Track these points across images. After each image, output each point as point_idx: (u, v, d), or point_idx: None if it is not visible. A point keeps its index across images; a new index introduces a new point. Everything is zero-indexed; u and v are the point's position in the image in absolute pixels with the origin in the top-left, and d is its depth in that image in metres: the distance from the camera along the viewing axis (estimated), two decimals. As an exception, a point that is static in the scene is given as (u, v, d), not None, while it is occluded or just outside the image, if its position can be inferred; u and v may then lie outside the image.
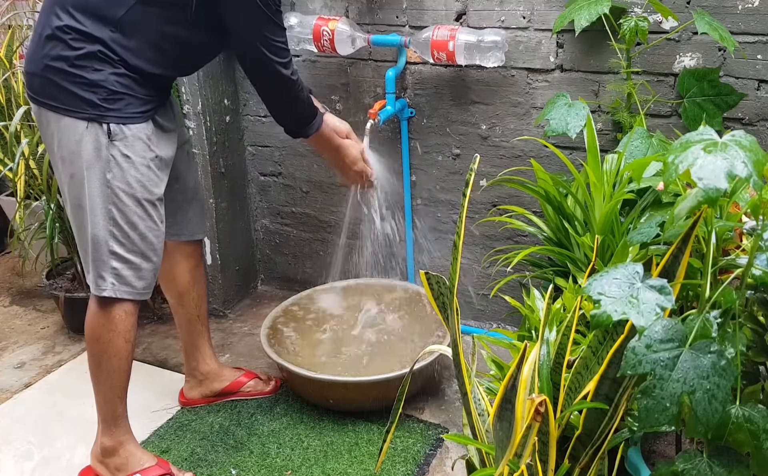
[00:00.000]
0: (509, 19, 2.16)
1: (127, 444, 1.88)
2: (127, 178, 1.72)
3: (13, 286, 3.04)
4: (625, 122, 1.98)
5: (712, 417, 1.04)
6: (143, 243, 1.77)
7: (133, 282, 1.77)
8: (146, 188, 1.75)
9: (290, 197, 2.74)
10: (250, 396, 2.24)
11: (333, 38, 2.26)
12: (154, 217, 1.78)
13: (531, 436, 1.05)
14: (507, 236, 2.36)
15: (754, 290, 1.21)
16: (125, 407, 1.87)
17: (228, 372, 2.25)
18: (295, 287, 2.81)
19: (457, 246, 1.29)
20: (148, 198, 1.76)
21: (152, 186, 1.77)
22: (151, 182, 1.76)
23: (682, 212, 1.21)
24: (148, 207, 1.76)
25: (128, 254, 1.75)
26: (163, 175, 1.81)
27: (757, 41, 1.90)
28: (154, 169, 1.77)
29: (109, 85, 1.67)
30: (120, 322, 1.77)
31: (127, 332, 1.79)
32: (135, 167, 1.73)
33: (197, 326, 2.16)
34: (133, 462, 1.87)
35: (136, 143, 1.72)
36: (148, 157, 1.75)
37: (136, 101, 1.72)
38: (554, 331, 1.44)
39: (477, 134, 2.32)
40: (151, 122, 1.77)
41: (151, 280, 1.82)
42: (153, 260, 1.80)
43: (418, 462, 1.95)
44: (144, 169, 1.74)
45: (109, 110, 1.69)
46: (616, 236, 1.67)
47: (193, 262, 2.10)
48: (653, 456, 1.71)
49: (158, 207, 1.79)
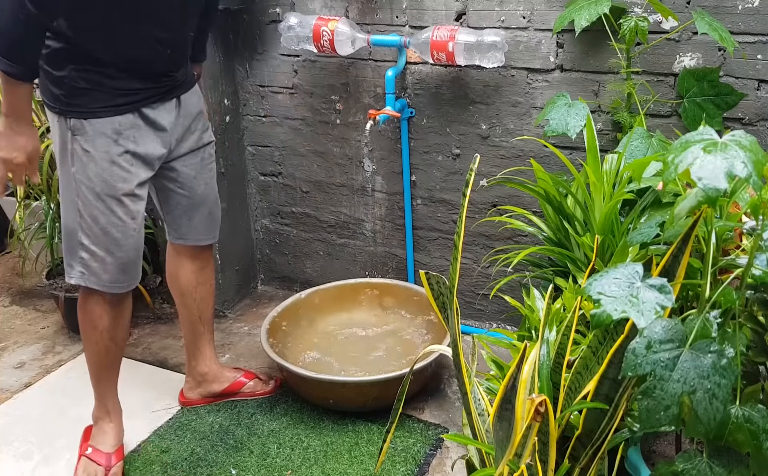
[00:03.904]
0: (509, 19, 2.16)
1: (101, 422, 2.00)
2: (87, 172, 1.74)
3: (13, 286, 3.04)
4: (625, 121, 1.98)
5: (713, 416, 1.04)
6: (105, 238, 1.78)
7: (99, 274, 1.81)
8: (107, 183, 1.74)
9: (290, 197, 2.74)
10: (250, 396, 2.24)
11: (333, 38, 2.26)
12: (118, 213, 1.78)
13: (531, 436, 1.05)
14: (507, 236, 2.36)
15: (754, 290, 1.21)
16: (106, 390, 1.98)
17: (228, 373, 2.25)
18: (295, 287, 2.82)
19: (457, 246, 1.29)
20: (110, 194, 1.75)
21: (116, 182, 1.75)
22: (115, 177, 1.75)
23: (682, 212, 1.21)
24: (110, 202, 1.76)
25: (93, 245, 1.79)
26: (138, 171, 1.79)
27: (757, 41, 1.90)
28: (121, 164, 1.75)
29: (71, 80, 1.69)
30: (90, 310, 1.87)
31: (97, 319, 1.87)
32: (95, 162, 1.73)
33: (199, 327, 2.16)
34: (100, 437, 1.99)
35: (98, 138, 1.72)
36: (113, 152, 1.73)
37: (102, 95, 1.71)
38: (554, 331, 1.45)
39: (477, 133, 2.32)
40: (133, 115, 1.76)
41: (118, 274, 1.82)
42: (117, 255, 1.80)
43: (418, 462, 1.95)
44: (105, 164, 1.73)
45: (71, 105, 1.71)
46: (616, 236, 1.67)
47: (198, 264, 2.10)
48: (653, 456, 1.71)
49: (125, 203, 1.78)
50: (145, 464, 2.00)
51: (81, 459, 1.95)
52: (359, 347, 2.39)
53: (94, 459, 1.93)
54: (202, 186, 2.01)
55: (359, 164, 2.55)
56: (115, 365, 1.97)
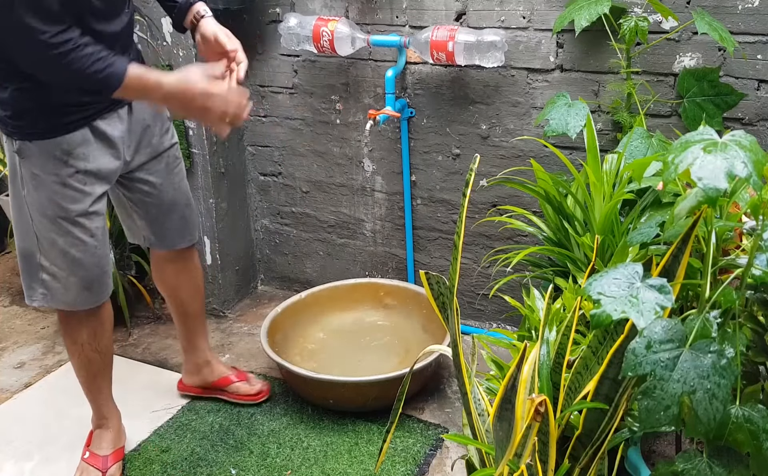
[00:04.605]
0: (509, 19, 2.16)
1: (100, 429, 2.00)
2: (38, 197, 1.67)
3: (13, 286, 3.04)
4: (625, 121, 1.98)
5: (713, 416, 1.04)
6: (65, 259, 1.72)
7: (60, 295, 1.77)
8: (60, 206, 1.67)
9: (290, 197, 2.74)
10: (234, 397, 2.22)
11: (332, 39, 2.26)
12: (75, 233, 1.71)
13: (531, 436, 1.05)
14: (507, 236, 2.36)
15: (754, 290, 1.21)
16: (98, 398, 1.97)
17: (221, 367, 2.24)
18: (295, 287, 2.82)
19: (457, 246, 1.29)
20: (64, 216, 1.68)
21: (69, 203, 1.68)
22: (68, 199, 1.68)
23: (682, 211, 1.21)
24: (65, 225, 1.69)
25: (53, 267, 1.74)
26: (93, 188, 1.71)
27: (757, 41, 1.90)
28: (73, 185, 1.67)
29: (13, 101, 1.61)
30: (66, 324, 1.86)
31: (74, 333, 1.86)
32: (45, 185, 1.66)
33: (188, 323, 2.17)
34: (97, 442, 1.99)
35: (47, 161, 1.64)
36: (63, 174, 1.66)
37: (46, 115, 1.61)
38: (554, 331, 1.45)
39: (477, 133, 2.32)
40: (82, 131, 1.66)
41: (82, 293, 1.77)
42: (80, 274, 1.75)
43: (418, 462, 1.95)
44: (56, 187, 1.66)
45: (16, 127, 1.64)
46: (616, 236, 1.67)
47: (179, 266, 2.07)
48: (653, 456, 1.71)
49: (81, 223, 1.71)
50: (146, 463, 2.00)
51: (79, 464, 1.96)
52: (359, 347, 2.39)
53: (91, 463, 1.93)
54: (170, 191, 1.93)
55: (359, 164, 2.55)
56: (103, 373, 1.94)
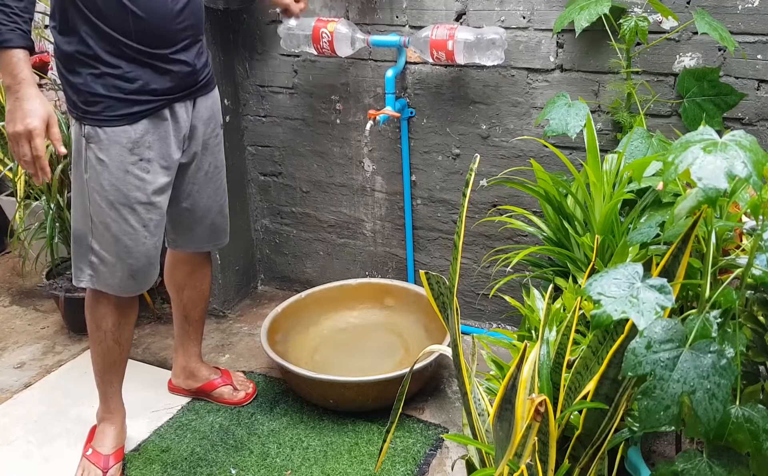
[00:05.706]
0: (509, 19, 2.16)
1: (104, 423, 2.00)
2: (101, 181, 1.72)
3: (13, 286, 3.04)
4: (625, 122, 1.98)
5: (713, 416, 1.04)
6: (116, 245, 1.77)
7: (107, 278, 1.81)
8: (121, 191, 1.73)
9: (290, 197, 2.74)
10: (219, 401, 2.22)
11: (332, 40, 2.26)
12: (130, 221, 1.76)
13: (531, 436, 1.05)
14: (507, 236, 2.36)
15: (754, 290, 1.21)
16: (108, 390, 1.98)
17: (206, 372, 2.24)
18: (295, 287, 2.82)
19: (457, 246, 1.29)
20: (123, 202, 1.74)
21: (130, 191, 1.74)
22: (129, 186, 1.74)
23: (682, 212, 1.21)
24: (123, 211, 1.75)
25: (103, 251, 1.78)
26: (155, 176, 1.77)
27: (757, 41, 1.90)
28: (135, 173, 1.74)
29: (87, 88, 1.67)
30: (95, 310, 1.88)
31: (101, 319, 1.87)
32: (109, 171, 1.71)
33: (185, 325, 2.18)
34: (100, 438, 1.98)
35: (113, 146, 1.70)
36: (127, 161, 1.72)
37: (119, 103, 1.69)
38: (554, 331, 1.45)
39: (477, 133, 2.32)
40: (151, 120, 1.73)
41: (127, 280, 1.81)
42: (127, 261, 1.79)
43: (418, 462, 1.95)
44: (120, 173, 1.72)
45: (87, 112, 1.70)
46: (616, 236, 1.67)
47: (191, 268, 2.10)
48: (653, 456, 1.71)
49: (138, 211, 1.76)
50: (146, 463, 2.00)
51: (81, 460, 1.96)
52: (359, 347, 2.39)
53: (93, 462, 1.93)
54: (204, 199, 1.97)
55: (359, 164, 2.55)
56: (119, 366, 1.97)
